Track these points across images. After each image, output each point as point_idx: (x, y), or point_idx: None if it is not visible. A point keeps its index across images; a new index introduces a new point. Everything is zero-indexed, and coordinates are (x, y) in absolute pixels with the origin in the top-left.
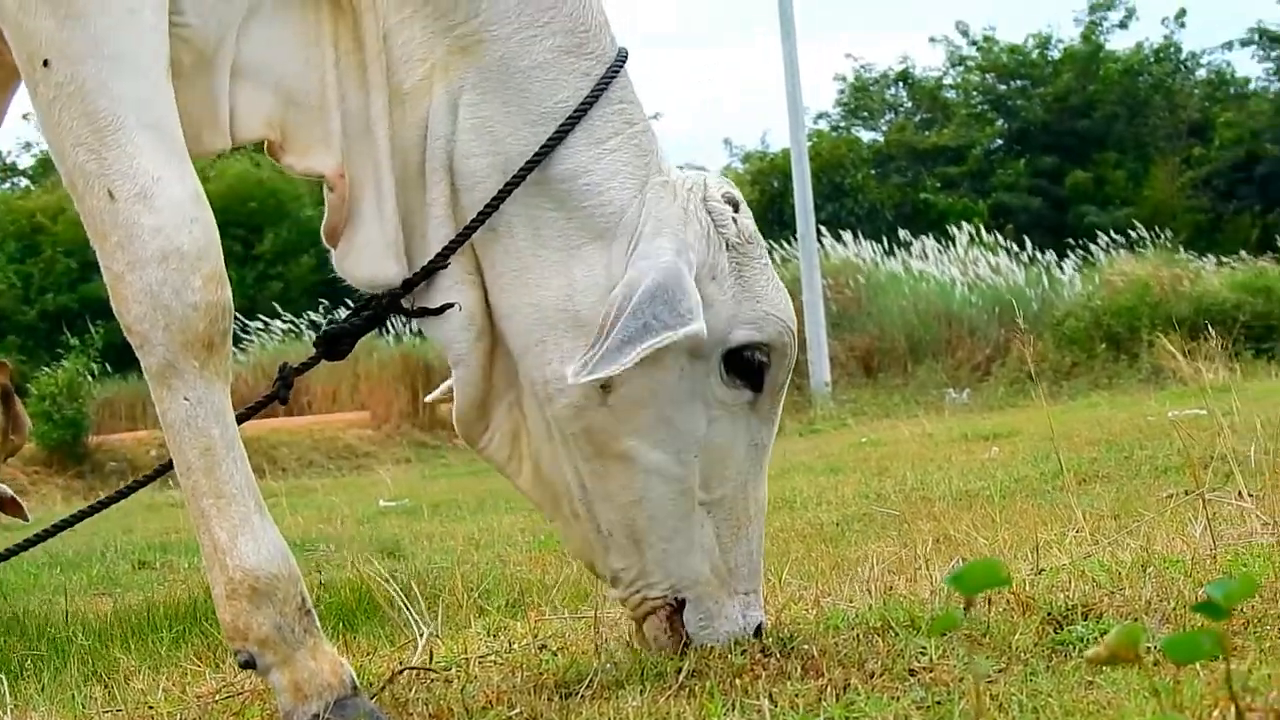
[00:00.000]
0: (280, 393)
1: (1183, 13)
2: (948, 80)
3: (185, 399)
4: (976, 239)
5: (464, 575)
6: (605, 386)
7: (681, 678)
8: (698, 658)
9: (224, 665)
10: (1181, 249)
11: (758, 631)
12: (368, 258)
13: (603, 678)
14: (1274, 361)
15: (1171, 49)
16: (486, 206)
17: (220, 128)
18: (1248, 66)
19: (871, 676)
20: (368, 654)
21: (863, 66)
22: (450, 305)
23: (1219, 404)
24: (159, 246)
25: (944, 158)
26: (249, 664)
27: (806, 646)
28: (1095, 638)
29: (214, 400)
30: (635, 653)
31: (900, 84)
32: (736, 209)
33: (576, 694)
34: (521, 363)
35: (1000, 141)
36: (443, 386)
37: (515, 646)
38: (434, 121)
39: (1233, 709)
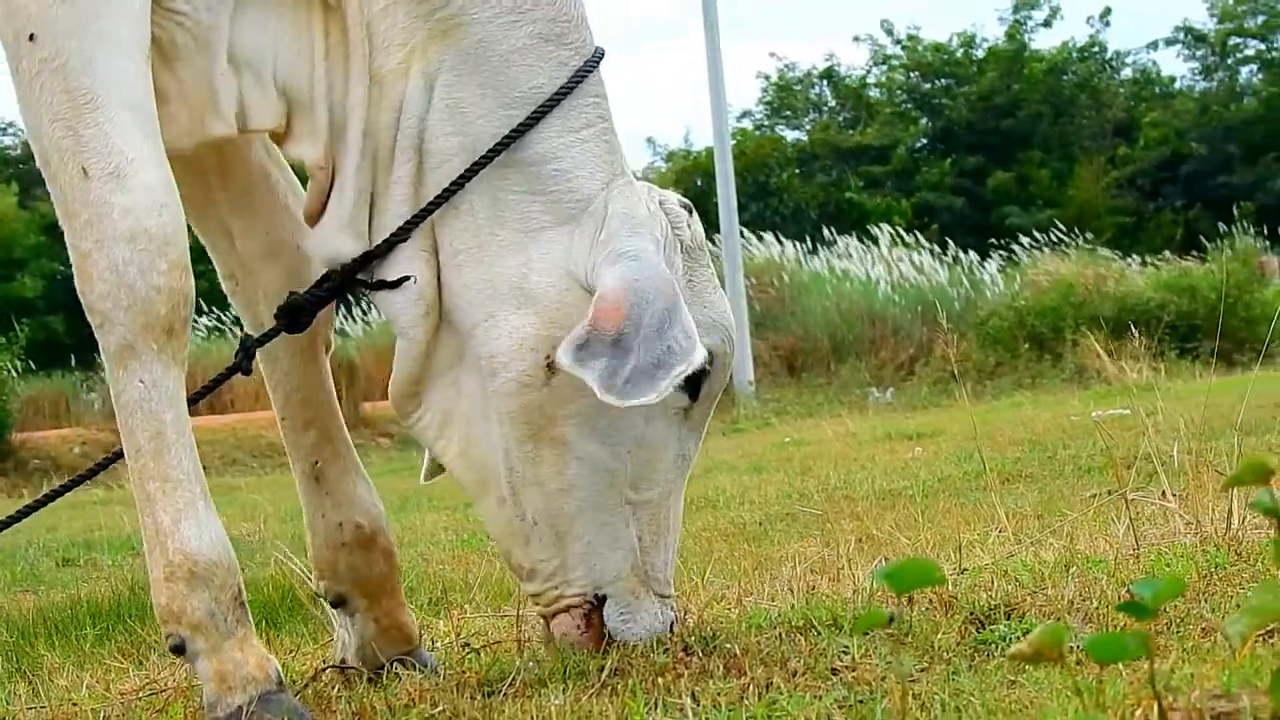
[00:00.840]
0: (242, 364)
1: (1108, 11)
2: (872, 79)
3: (140, 381)
4: (899, 239)
5: None
6: (550, 366)
7: (604, 676)
8: (620, 656)
9: (148, 663)
10: (1106, 248)
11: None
12: (328, 236)
13: (525, 676)
14: (1198, 361)
15: (1096, 48)
16: (453, 183)
17: (223, 114)
18: (1173, 66)
19: (794, 675)
20: (290, 652)
21: (787, 65)
22: (407, 278)
23: (1142, 403)
24: (128, 226)
25: (868, 157)
26: (179, 649)
27: (729, 645)
28: (1018, 637)
29: (169, 385)
30: (556, 651)
31: (824, 82)
32: (690, 214)
33: (499, 692)
34: (471, 338)
35: (924, 141)
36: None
37: (438, 645)
38: (409, 102)
39: (1155, 708)
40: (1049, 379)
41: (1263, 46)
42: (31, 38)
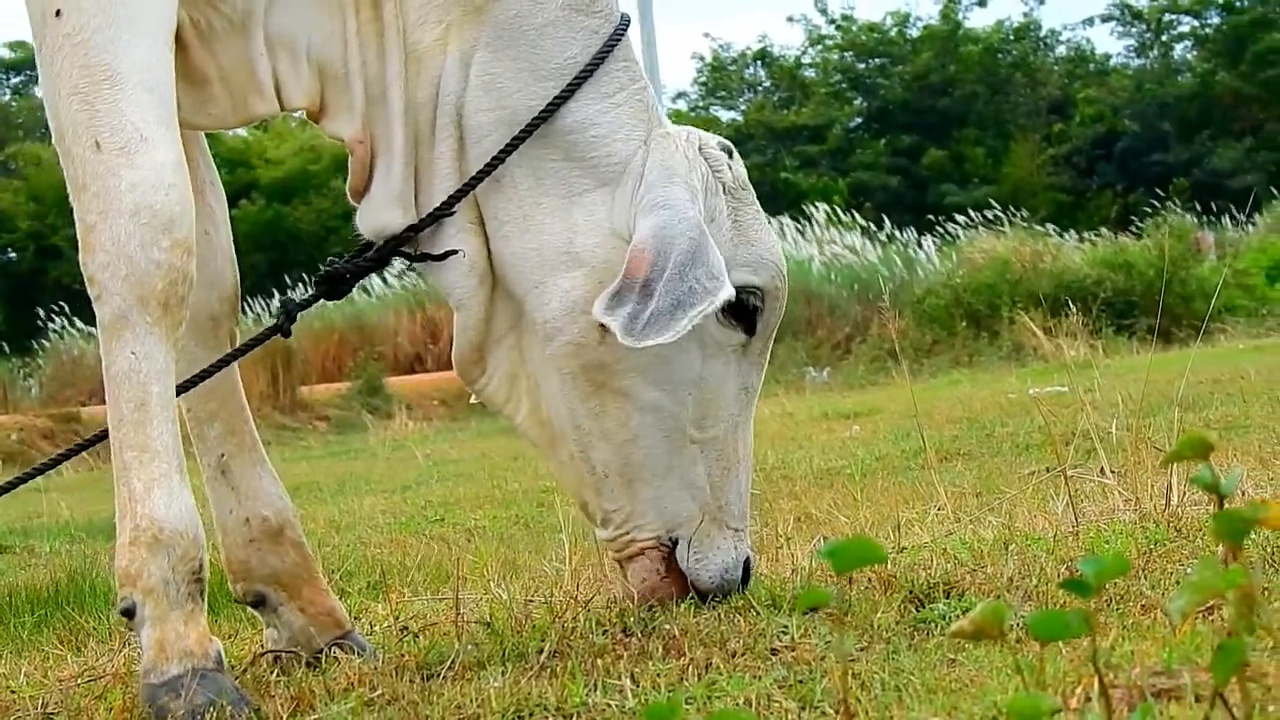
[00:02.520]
0: (283, 325)
1: None
2: (807, 59)
3: (132, 352)
4: (835, 218)
5: (325, 558)
6: (603, 325)
7: (543, 659)
8: (559, 638)
9: (86, 649)
10: (1043, 226)
11: (746, 567)
12: (376, 210)
13: (464, 659)
14: (1135, 338)
15: (1031, 26)
16: (493, 159)
17: (265, 94)
18: (1109, 43)
19: (734, 656)
20: (229, 636)
21: (721, 45)
22: (454, 252)
23: (1080, 381)
24: (134, 201)
25: (803, 137)
26: (129, 612)
27: (668, 626)
28: (957, 615)
29: (158, 359)
30: (496, 634)
31: (759, 63)
32: (731, 156)
33: (438, 675)
34: (525, 305)
35: (859, 120)
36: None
37: (376, 628)
38: (446, 79)
39: (1096, 685)
40: (986, 357)
41: (1197, 23)
42: (58, 14)
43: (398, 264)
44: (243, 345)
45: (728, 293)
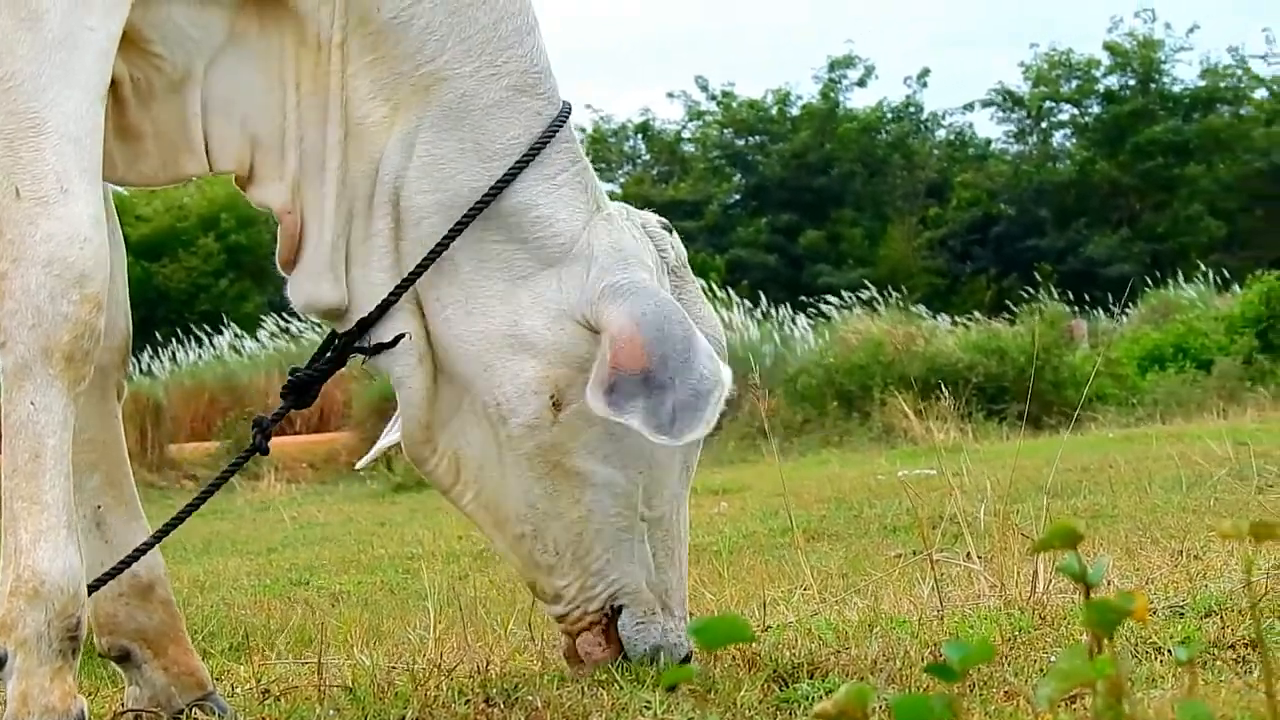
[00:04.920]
0: (260, 445)
1: (926, 72)
2: (686, 134)
3: (31, 403)
4: (711, 294)
5: (189, 617)
6: (556, 405)
7: None
8: (421, 705)
9: None
10: (917, 308)
11: (686, 659)
12: (306, 283)
13: None
14: (1005, 423)
15: (912, 108)
16: (438, 244)
17: (197, 153)
18: (989, 128)
19: None
20: (89, 694)
21: (602, 117)
22: (402, 336)
23: (949, 464)
24: (48, 252)
25: (681, 211)
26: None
27: (531, 697)
28: (821, 696)
29: (57, 412)
30: (358, 700)
31: (639, 136)
32: (671, 234)
33: None
34: (473, 388)
35: (738, 197)
36: (372, 452)
37: (238, 690)
38: (387, 157)
39: None
40: (857, 437)
41: (1077, 111)
42: None
43: (270, 324)
44: (228, 467)
45: (728, 372)
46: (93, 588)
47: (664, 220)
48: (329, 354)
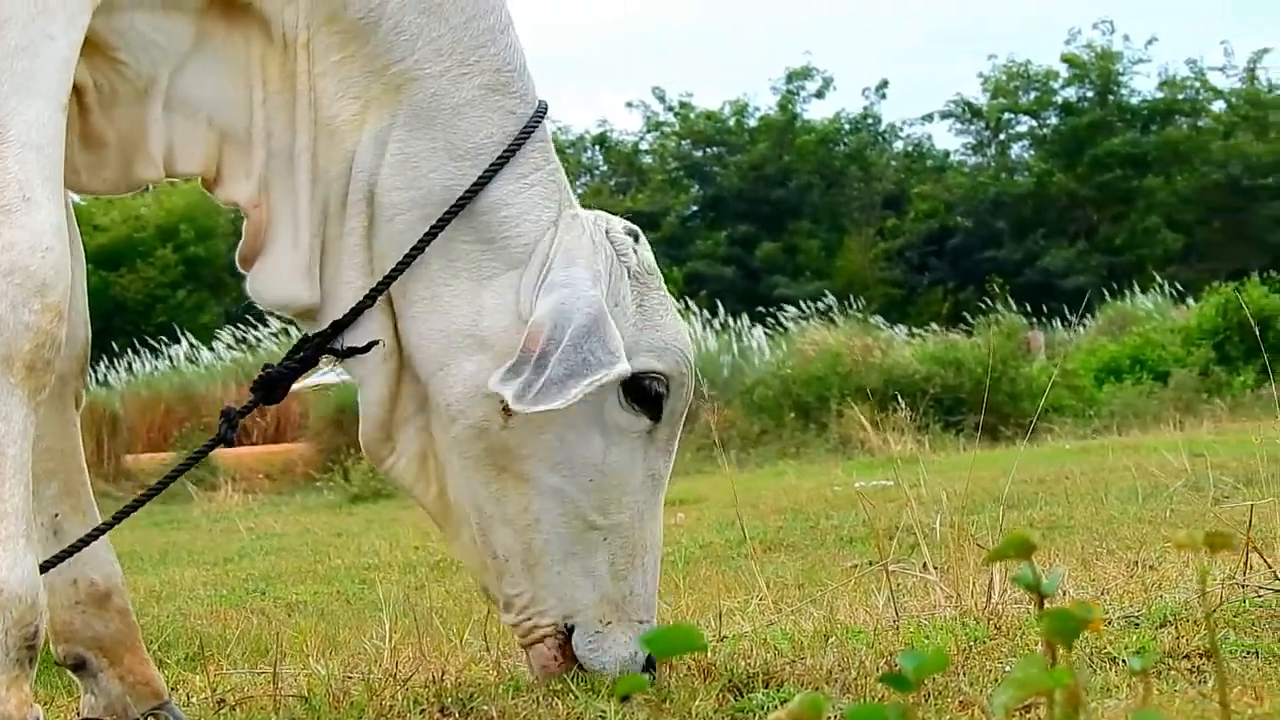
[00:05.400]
0: (226, 434)
1: (884, 84)
2: (644, 145)
3: None
4: None
5: (144, 627)
6: (507, 409)
7: None
8: (376, 715)
9: None
10: (875, 319)
11: (650, 664)
12: (280, 281)
13: None
14: (962, 434)
15: (870, 120)
16: (413, 248)
17: (154, 160)
18: (948, 140)
19: None
20: (45, 704)
21: (560, 129)
22: (376, 342)
23: (906, 475)
24: (9, 261)
25: (639, 222)
26: None
27: (486, 707)
28: (775, 706)
29: (17, 421)
30: (313, 710)
31: (597, 147)
32: (637, 240)
33: None
34: (429, 386)
35: (695, 208)
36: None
37: (193, 700)
38: (360, 155)
39: None
40: (813, 448)
41: (1035, 123)
42: None
43: (227, 335)
44: (192, 454)
45: (623, 369)
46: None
47: (633, 227)
48: (301, 354)
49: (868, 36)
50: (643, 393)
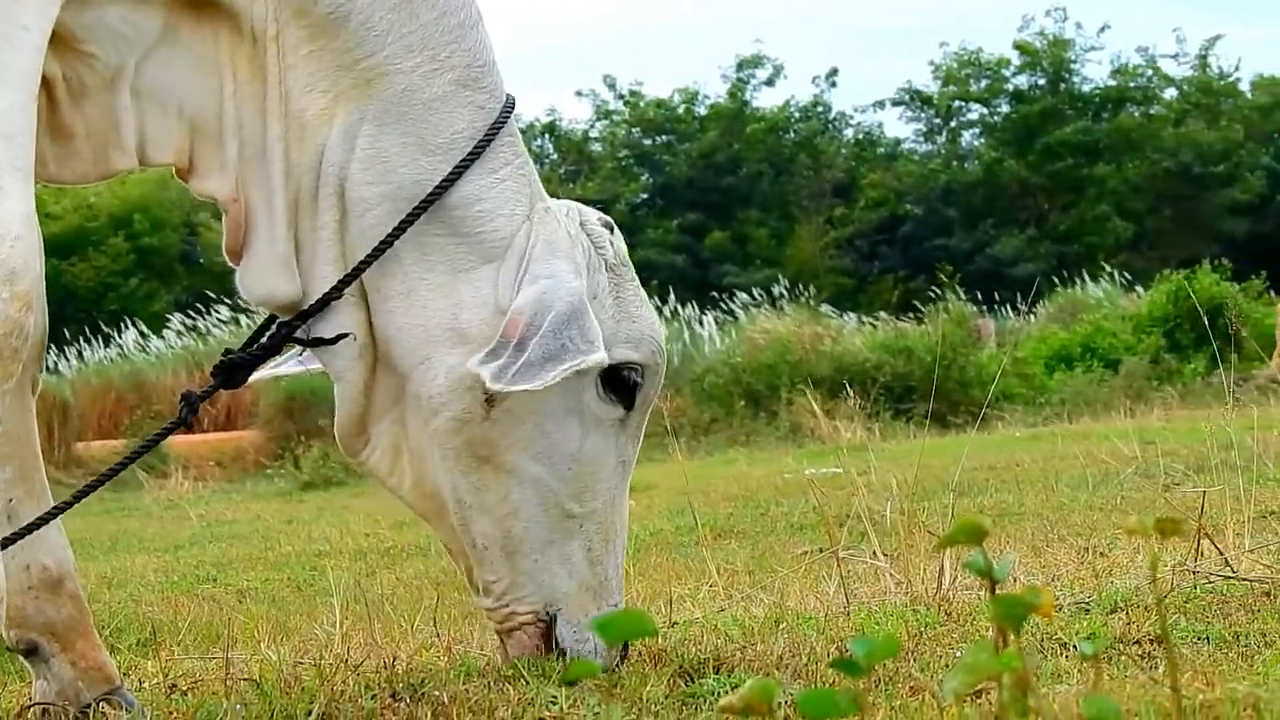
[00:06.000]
0: (186, 417)
1: (834, 72)
2: (594, 133)
3: None
4: None
5: (96, 613)
6: (489, 400)
7: None
8: (328, 701)
9: None
10: (825, 307)
11: (625, 644)
12: (261, 276)
13: (231, 718)
14: (912, 422)
15: (820, 108)
16: (384, 240)
17: (126, 149)
18: (900, 128)
19: None
20: None
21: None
22: (345, 335)
23: (856, 463)
24: None
25: None
26: None
27: (437, 693)
28: (726, 691)
29: None
30: (265, 695)
31: (546, 136)
32: (611, 232)
33: None
34: (409, 381)
35: (645, 196)
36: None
37: (145, 685)
38: (330, 149)
39: None
40: (764, 436)
41: (985, 111)
42: None
43: (177, 323)
44: (153, 436)
45: (600, 357)
46: None
47: (607, 219)
48: (265, 339)
49: (818, 24)
50: (620, 383)
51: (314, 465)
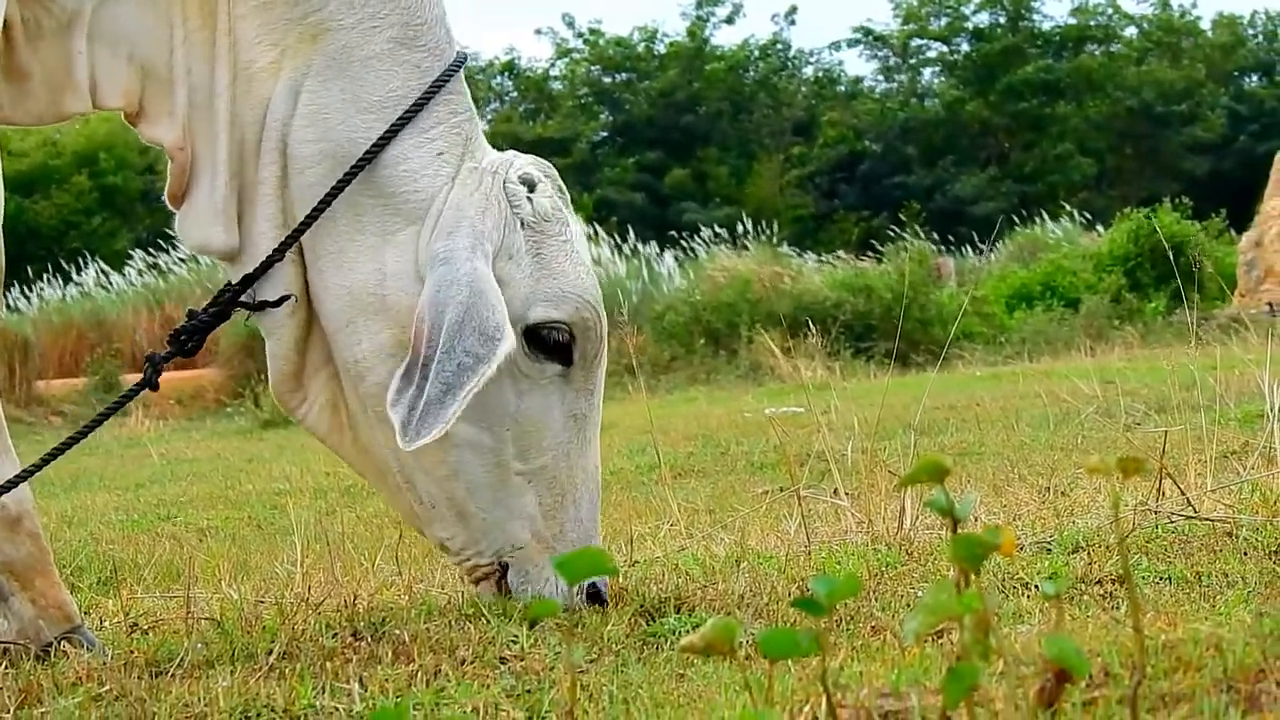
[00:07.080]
0: (150, 378)
1: (793, 10)
2: (555, 72)
3: None
4: None
5: (56, 552)
6: None
7: (272, 659)
8: (288, 640)
9: None
10: (785, 246)
11: (597, 598)
12: (198, 224)
13: (193, 657)
14: (872, 361)
15: (779, 46)
16: (321, 201)
17: (80, 92)
18: (860, 66)
19: (463, 663)
20: None
21: (470, 55)
22: (288, 297)
23: (816, 402)
24: None
25: (549, 149)
26: None
27: (398, 631)
28: (687, 630)
29: None
30: (226, 634)
31: (506, 74)
32: (532, 189)
33: (166, 673)
34: (334, 342)
35: (605, 134)
36: None
37: (106, 624)
38: (275, 104)
39: (825, 705)
40: (724, 375)
41: (945, 49)
42: None
43: (138, 260)
44: (116, 400)
45: (505, 348)
46: None
47: (529, 173)
48: (215, 307)
49: None
50: (544, 342)
51: (274, 404)
